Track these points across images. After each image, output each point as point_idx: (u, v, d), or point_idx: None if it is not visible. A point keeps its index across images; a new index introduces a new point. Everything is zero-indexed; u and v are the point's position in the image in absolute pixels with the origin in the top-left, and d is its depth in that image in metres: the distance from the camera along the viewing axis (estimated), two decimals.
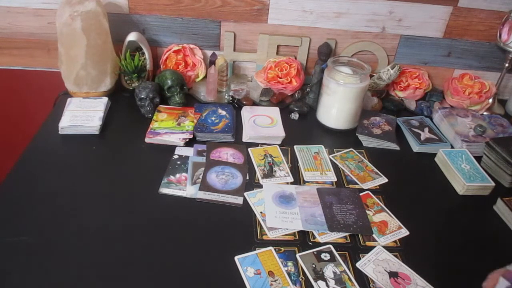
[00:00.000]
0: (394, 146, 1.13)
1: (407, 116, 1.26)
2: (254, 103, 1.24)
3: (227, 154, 1.04)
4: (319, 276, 0.76)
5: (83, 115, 1.08)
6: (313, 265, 0.78)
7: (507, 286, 0.51)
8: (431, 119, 1.27)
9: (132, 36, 1.22)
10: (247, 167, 1.00)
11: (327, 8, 1.27)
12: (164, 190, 0.91)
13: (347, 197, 0.94)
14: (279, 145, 1.09)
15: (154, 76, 1.26)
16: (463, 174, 1.02)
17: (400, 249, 0.84)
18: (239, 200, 0.91)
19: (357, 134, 1.14)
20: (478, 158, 1.10)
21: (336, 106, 1.14)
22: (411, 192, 1.01)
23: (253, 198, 0.92)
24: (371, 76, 1.25)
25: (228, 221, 0.86)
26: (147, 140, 1.05)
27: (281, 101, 1.26)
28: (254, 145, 1.08)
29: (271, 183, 0.96)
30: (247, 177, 0.97)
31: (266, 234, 0.83)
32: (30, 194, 0.87)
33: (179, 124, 1.09)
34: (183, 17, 1.27)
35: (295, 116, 1.21)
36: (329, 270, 0.77)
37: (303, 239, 0.83)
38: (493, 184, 1.01)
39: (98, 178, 0.94)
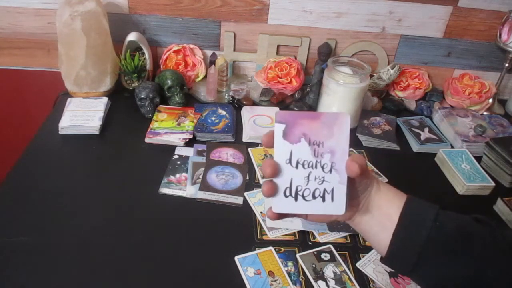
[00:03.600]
0: (394, 146, 1.13)
1: (407, 116, 1.26)
2: (254, 103, 1.24)
3: (227, 154, 1.04)
4: (319, 276, 0.76)
5: (83, 115, 1.08)
6: (313, 265, 0.78)
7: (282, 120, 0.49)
8: (431, 119, 1.27)
9: (132, 36, 1.22)
10: (247, 167, 1.00)
11: (327, 8, 1.27)
12: (164, 190, 0.91)
13: None
14: None
15: (154, 76, 1.26)
16: (463, 174, 1.02)
17: None
18: (239, 200, 0.91)
19: (357, 134, 1.14)
20: (478, 158, 1.10)
21: (336, 106, 1.14)
22: (411, 192, 0.99)
23: (253, 198, 0.92)
24: (371, 76, 1.25)
25: (228, 221, 0.86)
26: (147, 140, 1.05)
27: (281, 101, 1.26)
28: (254, 145, 1.08)
29: None
30: (247, 177, 0.97)
31: (266, 234, 0.83)
32: (30, 194, 0.87)
33: (179, 124, 1.09)
34: (183, 17, 1.27)
35: None
36: (329, 270, 0.77)
37: (303, 239, 0.83)
38: (493, 184, 1.01)
39: (98, 178, 0.94)
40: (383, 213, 0.53)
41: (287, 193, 0.51)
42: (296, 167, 0.50)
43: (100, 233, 0.80)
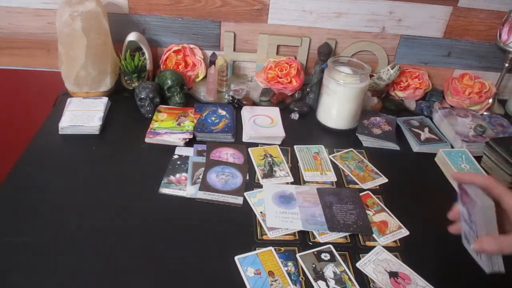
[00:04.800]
0: (394, 146, 1.13)
1: (407, 116, 1.26)
2: (254, 103, 1.24)
3: (227, 154, 1.04)
4: (319, 276, 0.76)
5: (83, 115, 1.08)
6: (313, 265, 0.78)
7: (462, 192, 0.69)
8: (431, 119, 1.27)
9: (132, 36, 1.22)
10: (247, 167, 1.00)
11: (327, 8, 1.27)
12: (164, 190, 0.91)
13: (347, 197, 0.94)
14: (279, 145, 1.09)
15: (154, 76, 1.26)
16: None
17: (400, 249, 0.84)
18: (239, 200, 0.91)
19: (357, 134, 1.14)
20: (478, 158, 1.10)
21: (336, 106, 1.14)
22: (411, 192, 1.01)
23: (253, 198, 0.92)
24: (371, 76, 1.25)
25: (228, 221, 0.86)
26: (147, 140, 1.05)
27: (281, 101, 1.26)
28: (254, 145, 1.08)
29: (271, 183, 0.96)
30: (247, 177, 0.97)
31: (266, 234, 0.83)
32: (30, 194, 0.87)
33: (179, 124, 1.09)
34: (183, 17, 1.27)
35: (295, 116, 1.21)
36: (329, 270, 0.77)
37: (303, 239, 0.83)
38: None
39: (98, 178, 0.94)
40: None
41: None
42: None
43: (100, 233, 0.80)
